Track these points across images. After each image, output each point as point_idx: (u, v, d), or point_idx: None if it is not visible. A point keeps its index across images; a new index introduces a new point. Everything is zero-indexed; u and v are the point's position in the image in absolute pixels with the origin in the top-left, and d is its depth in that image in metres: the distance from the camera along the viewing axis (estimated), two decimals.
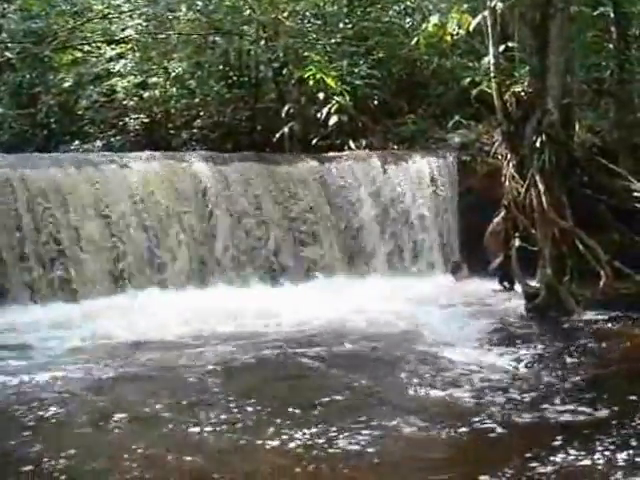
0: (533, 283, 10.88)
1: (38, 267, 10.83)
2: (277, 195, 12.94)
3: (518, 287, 11.26)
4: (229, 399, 6.91)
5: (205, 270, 12.11)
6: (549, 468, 5.25)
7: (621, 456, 5.40)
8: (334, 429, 6.02)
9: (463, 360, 8.05)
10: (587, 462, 5.34)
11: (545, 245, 10.79)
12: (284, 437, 5.88)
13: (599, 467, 5.27)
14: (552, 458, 5.38)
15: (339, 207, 13.30)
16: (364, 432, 5.96)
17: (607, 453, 5.45)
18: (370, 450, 5.66)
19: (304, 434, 5.95)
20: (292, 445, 5.75)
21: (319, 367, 7.99)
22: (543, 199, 10.83)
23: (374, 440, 5.83)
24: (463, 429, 6.06)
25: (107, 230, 11.44)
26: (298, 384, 7.59)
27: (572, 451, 5.48)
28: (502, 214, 11.68)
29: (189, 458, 5.52)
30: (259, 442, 5.80)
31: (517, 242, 11.37)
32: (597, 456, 5.41)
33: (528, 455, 5.46)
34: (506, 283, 11.78)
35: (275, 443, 5.77)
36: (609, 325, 9.53)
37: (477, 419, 6.25)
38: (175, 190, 12.18)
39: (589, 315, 9.91)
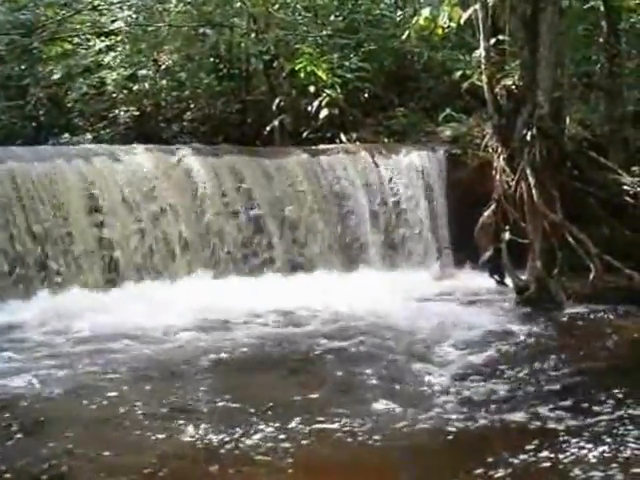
0: (523, 276, 10.93)
1: None
2: (268, 188, 12.93)
3: (508, 280, 11.31)
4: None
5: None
6: (513, 468, 5.26)
7: (592, 454, 5.40)
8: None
9: (445, 353, 8.12)
10: (557, 459, 5.34)
11: (535, 238, 10.84)
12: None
13: (567, 465, 5.27)
14: (517, 459, 5.37)
15: (330, 200, 13.27)
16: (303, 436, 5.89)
17: (576, 450, 5.47)
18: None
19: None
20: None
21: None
22: (533, 192, 10.88)
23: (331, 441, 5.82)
24: (438, 427, 6.03)
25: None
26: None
27: (544, 452, 5.47)
28: (492, 207, 11.66)
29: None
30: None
31: (507, 235, 11.39)
32: (568, 454, 5.42)
33: (492, 456, 5.44)
34: (496, 276, 11.79)
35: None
36: (598, 318, 9.62)
37: (455, 417, 6.21)
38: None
39: (579, 308, 10.00)
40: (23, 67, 16.65)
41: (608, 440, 5.62)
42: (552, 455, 5.40)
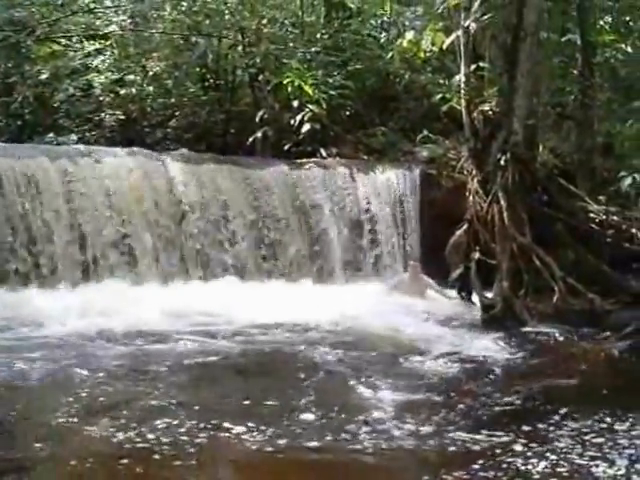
0: (490, 295, 11.08)
1: None
2: (246, 198, 13.10)
3: (475, 298, 11.51)
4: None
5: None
6: None
7: (536, 469, 5.43)
8: None
9: (399, 364, 8.25)
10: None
11: (503, 259, 11.02)
12: None
13: None
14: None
15: (305, 213, 13.47)
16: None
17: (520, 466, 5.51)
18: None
19: None
20: None
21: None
22: (504, 215, 11.08)
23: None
24: (375, 444, 5.95)
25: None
26: None
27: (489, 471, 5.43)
28: (464, 227, 11.85)
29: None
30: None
31: (477, 255, 11.56)
32: (510, 472, 5.43)
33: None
34: (464, 293, 12.01)
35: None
36: (559, 338, 9.75)
37: (397, 434, 6.16)
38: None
39: (542, 328, 10.12)
40: (10, 65, 16.64)
41: (552, 457, 5.67)
42: (494, 473, 5.40)
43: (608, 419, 6.54)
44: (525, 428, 6.33)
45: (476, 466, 5.51)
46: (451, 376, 7.99)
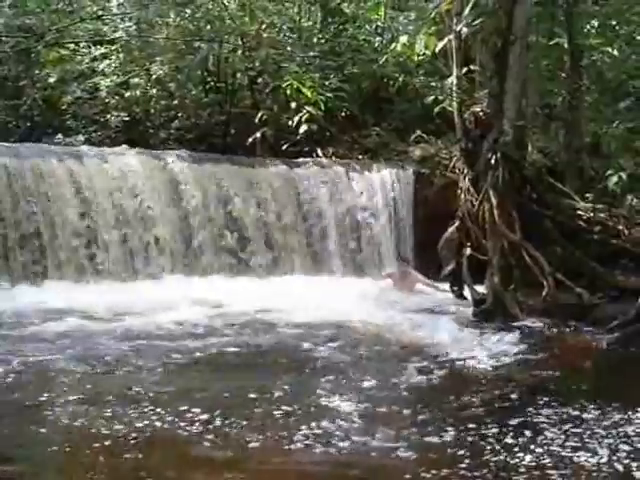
0: (481, 289, 11.02)
1: None
2: (247, 195, 13.08)
3: (467, 293, 11.44)
4: None
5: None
6: None
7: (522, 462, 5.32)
8: None
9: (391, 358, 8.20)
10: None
11: (494, 255, 10.94)
12: None
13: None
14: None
15: (304, 210, 13.42)
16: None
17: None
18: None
19: None
20: None
21: None
22: (495, 212, 10.99)
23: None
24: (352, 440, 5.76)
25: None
26: None
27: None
28: (456, 224, 11.81)
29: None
30: None
31: (468, 251, 11.54)
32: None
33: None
34: (456, 288, 11.93)
35: None
36: (548, 331, 9.70)
37: (381, 428, 5.98)
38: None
39: (531, 321, 10.05)
40: (20, 69, 16.58)
41: (537, 450, 5.57)
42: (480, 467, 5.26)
43: (594, 410, 6.45)
44: (512, 421, 6.22)
45: (461, 460, 5.39)
46: (438, 370, 7.84)
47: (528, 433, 5.92)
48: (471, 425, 6.10)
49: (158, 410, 6.24)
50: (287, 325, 9.61)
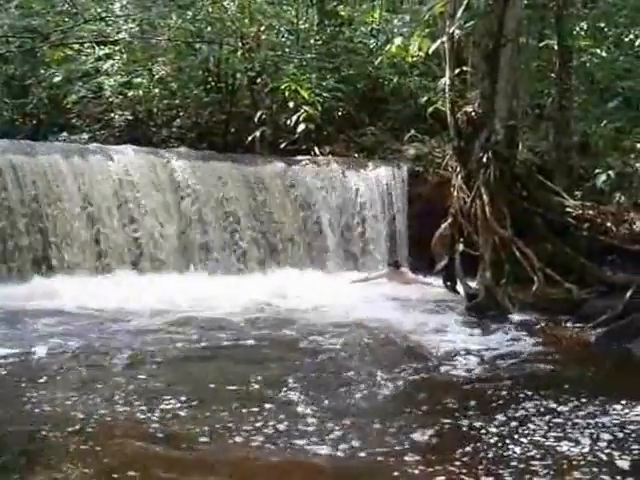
0: (473, 284, 10.97)
1: None
2: (246, 192, 12.98)
3: (460, 287, 11.36)
4: None
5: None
6: None
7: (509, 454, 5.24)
8: None
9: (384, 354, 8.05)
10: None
11: (486, 251, 10.89)
12: None
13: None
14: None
15: (301, 207, 13.34)
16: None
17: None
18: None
19: None
20: None
21: None
22: (486, 209, 10.94)
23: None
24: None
25: None
26: None
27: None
28: (449, 221, 11.74)
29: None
30: None
31: (461, 247, 11.48)
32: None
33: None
34: (449, 283, 11.85)
35: None
36: (538, 325, 9.63)
37: (370, 423, 5.86)
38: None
39: (522, 316, 9.99)
40: (26, 69, 16.48)
41: (525, 441, 5.49)
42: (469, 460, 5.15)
43: (579, 403, 6.39)
44: (500, 414, 6.12)
45: (451, 454, 5.28)
46: (429, 363, 7.74)
47: (516, 426, 5.84)
48: (460, 417, 6.04)
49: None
50: (280, 320, 9.50)
